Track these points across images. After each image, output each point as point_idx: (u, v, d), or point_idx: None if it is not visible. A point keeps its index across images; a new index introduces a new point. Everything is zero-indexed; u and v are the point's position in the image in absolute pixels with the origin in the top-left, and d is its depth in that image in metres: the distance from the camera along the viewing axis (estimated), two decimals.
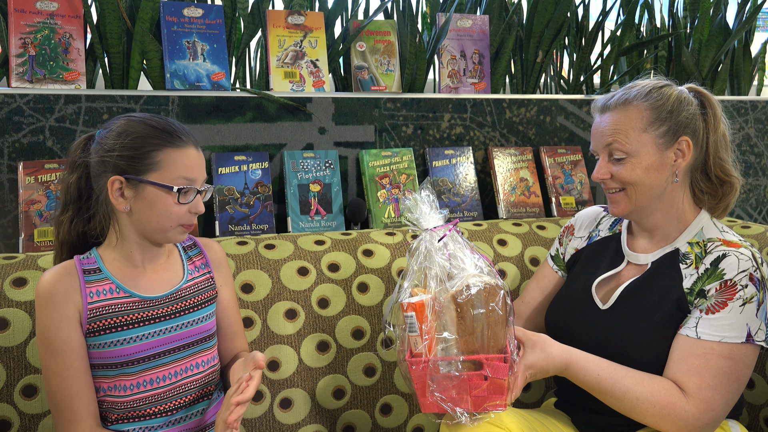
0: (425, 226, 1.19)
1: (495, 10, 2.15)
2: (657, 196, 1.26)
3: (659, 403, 1.14)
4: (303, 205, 1.83)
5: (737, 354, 1.16)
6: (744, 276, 1.18)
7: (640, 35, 2.38)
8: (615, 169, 1.26)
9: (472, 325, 1.08)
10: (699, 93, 1.29)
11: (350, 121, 1.92)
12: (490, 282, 1.09)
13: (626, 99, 1.26)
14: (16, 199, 1.62)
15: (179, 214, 1.14)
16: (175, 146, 1.14)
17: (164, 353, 1.18)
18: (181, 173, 1.14)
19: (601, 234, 1.43)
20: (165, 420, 1.18)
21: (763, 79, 2.59)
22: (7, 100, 1.61)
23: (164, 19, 1.76)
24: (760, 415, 1.51)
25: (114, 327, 1.14)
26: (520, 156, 2.09)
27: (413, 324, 1.10)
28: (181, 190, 1.13)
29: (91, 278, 1.15)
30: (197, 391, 1.22)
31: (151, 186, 1.13)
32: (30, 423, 1.32)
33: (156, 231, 1.16)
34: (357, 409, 1.54)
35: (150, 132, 1.14)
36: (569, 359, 1.17)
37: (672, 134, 1.24)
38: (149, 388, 1.17)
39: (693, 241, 1.26)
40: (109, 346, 1.14)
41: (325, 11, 1.97)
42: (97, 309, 1.13)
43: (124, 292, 1.16)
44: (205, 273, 1.27)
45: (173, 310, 1.20)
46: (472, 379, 1.07)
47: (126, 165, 1.13)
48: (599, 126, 1.29)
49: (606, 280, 1.34)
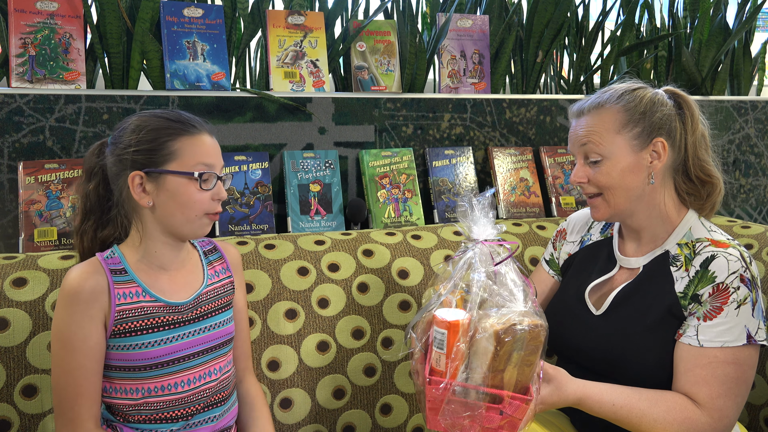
0: (477, 237, 1.11)
1: (495, 10, 2.15)
2: (635, 197, 1.26)
3: (677, 420, 1.14)
4: (303, 205, 1.83)
5: (741, 357, 1.16)
6: (735, 278, 1.17)
7: (640, 35, 2.38)
8: (592, 172, 1.26)
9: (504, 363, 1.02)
10: (675, 94, 1.29)
11: (350, 121, 1.92)
12: (535, 322, 1.01)
13: (599, 102, 1.26)
14: (16, 199, 1.62)
15: (203, 201, 1.14)
16: (189, 134, 1.15)
17: (185, 358, 1.17)
18: (200, 159, 1.14)
19: (593, 238, 1.43)
20: (181, 425, 1.17)
21: (763, 79, 2.58)
22: (7, 100, 1.61)
23: (164, 19, 1.76)
24: (760, 415, 1.51)
25: (139, 330, 1.13)
26: (520, 156, 2.09)
27: (443, 342, 1.03)
28: (201, 176, 1.14)
29: (118, 279, 1.13)
30: (212, 397, 1.21)
31: (172, 176, 1.13)
32: (30, 423, 1.32)
33: (181, 223, 1.15)
34: (357, 409, 1.54)
35: (163, 123, 1.14)
36: (583, 395, 1.16)
37: (646, 135, 1.24)
38: (168, 393, 1.16)
39: (682, 242, 1.26)
40: (133, 349, 1.13)
41: (325, 11, 1.97)
42: (125, 311, 1.13)
43: (150, 297, 1.15)
44: (225, 277, 1.27)
45: (195, 315, 1.19)
46: (489, 412, 1.03)
47: (144, 159, 1.12)
48: (574, 130, 1.29)
49: (599, 285, 1.33)
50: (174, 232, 1.16)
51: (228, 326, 1.24)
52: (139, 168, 1.12)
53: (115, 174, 1.15)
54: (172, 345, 1.16)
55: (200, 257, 1.26)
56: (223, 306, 1.24)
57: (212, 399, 1.21)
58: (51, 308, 1.35)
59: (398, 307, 1.59)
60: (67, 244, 1.60)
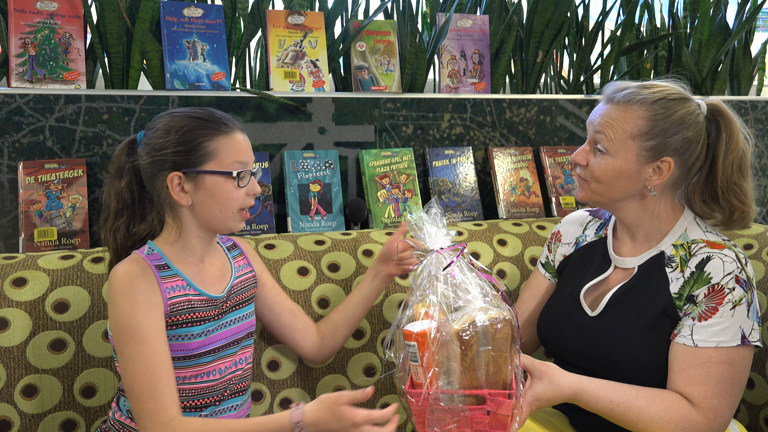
0: (431, 247, 1.13)
1: (495, 10, 2.15)
2: (620, 199, 1.26)
3: (673, 419, 1.13)
4: (303, 205, 1.83)
5: (735, 358, 1.16)
6: (730, 279, 1.17)
7: (640, 35, 2.38)
8: (593, 159, 1.26)
9: (475, 362, 1.02)
10: (717, 112, 1.23)
11: (350, 121, 1.92)
12: (496, 316, 1.02)
13: (630, 99, 1.22)
14: (16, 199, 1.62)
15: (239, 198, 1.19)
16: (224, 133, 1.19)
17: (219, 349, 1.22)
18: (235, 158, 1.18)
19: (587, 239, 1.42)
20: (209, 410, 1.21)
21: (763, 79, 2.58)
22: (7, 100, 1.61)
23: (164, 19, 1.76)
24: (760, 415, 1.51)
25: (185, 323, 1.18)
26: (520, 156, 2.09)
27: (415, 354, 1.04)
28: (239, 174, 1.18)
29: (164, 274, 1.17)
30: (237, 385, 1.26)
31: (210, 175, 1.17)
32: (30, 423, 1.32)
33: (219, 220, 1.19)
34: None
35: (197, 124, 1.18)
36: (579, 389, 1.15)
37: (658, 152, 1.21)
38: (200, 381, 1.20)
39: (677, 243, 1.26)
40: (176, 339, 1.17)
41: (325, 11, 1.97)
42: (175, 305, 1.17)
43: (195, 290, 1.20)
44: (248, 272, 1.33)
45: (227, 308, 1.25)
46: (474, 414, 1.02)
47: (181, 160, 1.16)
48: (596, 113, 1.27)
49: (594, 286, 1.33)
50: (212, 227, 1.21)
51: (251, 319, 1.31)
52: (177, 169, 1.16)
53: (151, 174, 1.19)
54: (210, 336, 1.20)
55: (225, 252, 1.31)
56: (248, 299, 1.31)
57: (237, 387, 1.26)
58: (51, 308, 1.35)
59: (398, 306, 1.59)
60: (67, 244, 1.60)
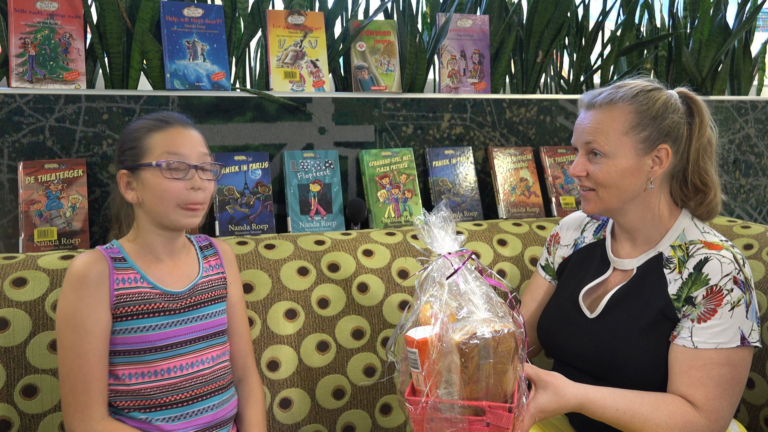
0: (438, 251, 1.10)
1: (495, 10, 2.15)
2: (629, 199, 1.25)
3: (678, 424, 1.13)
4: (303, 205, 1.83)
5: (735, 359, 1.16)
6: (728, 280, 1.17)
7: (640, 35, 2.38)
8: (592, 167, 1.25)
9: (476, 374, 1.00)
10: (688, 98, 1.27)
11: (350, 121, 1.92)
12: (499, 329, 0.99)
13: (612, 99, 1.24)
14: (16, 199, 1.62)
15: (175, 191, 1.18)
16: (161, 129, 1.21)
17: (180, 344, 1.22)
18: (165, 149, 1.19)
19: (586, 240, 1.42)
20: (179, 411, 1.21)
21: (763, 79, 2.58)
22: (7, 100, 1.61)
23: (164, 19, 1.76)
24: (760, 415, 1.51)
25: (137, 314, 1.19)
26: (520, 156, 2.09)
27: (416, 361, 1.03)
28: (167, 164, 1.18)
29: (118, 266, 1.20)
30: (208, 385, 1.25)
31: (143, 169, 1.19)
32: (30, 423, 1.32)
33: (162, 214, 1.20)
34: (357, 409, 1.54)
35: (143, 124, 1.22)
36: (585, 399, 1.14)
37: (653, 141, 1.23)
38: (163, 378, 1.20)
39: (675, 244, 1.26)
40: (131, 332, 1.18)
41: (325, 11, 1.97)
42: (123, 296, 1.18)
43: (148, 283, 1.21)
44: (219, 272, 1.32)
45: (190, 303, 1.25)
46: (473, 425, 1.01)
47: (125, 158, 1.21)
48: (582, 123, 1.27)
49: (593, 288, 1.33)
50: (161, 223, 1.22)
51: (220, 317, 1.30)
52: (123, 167, 1.21)
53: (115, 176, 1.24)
54: (168, 330, 1.21)
55: (197, 252, 1.32)
56: (217, 298, 1.30)
57: (209, 387, 1.25)
58: (51, 308, 1.35)
59: (398, 307, 1.59)
60: (67, 244, 1.60)
